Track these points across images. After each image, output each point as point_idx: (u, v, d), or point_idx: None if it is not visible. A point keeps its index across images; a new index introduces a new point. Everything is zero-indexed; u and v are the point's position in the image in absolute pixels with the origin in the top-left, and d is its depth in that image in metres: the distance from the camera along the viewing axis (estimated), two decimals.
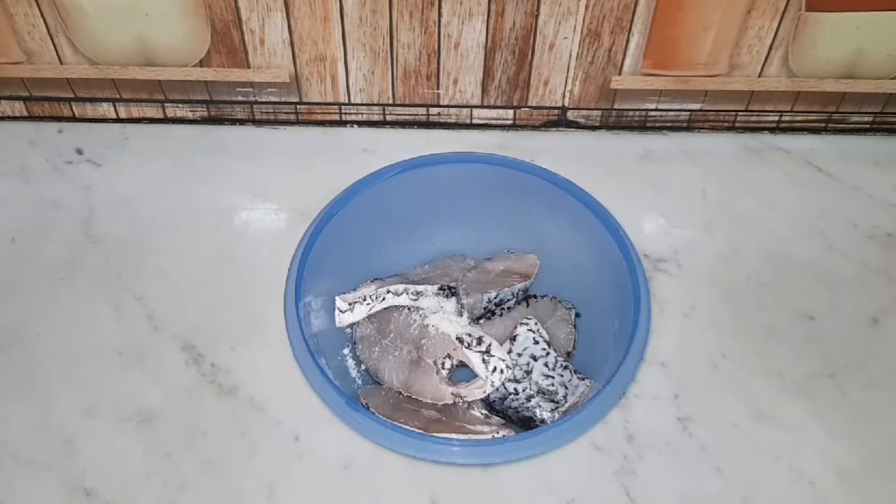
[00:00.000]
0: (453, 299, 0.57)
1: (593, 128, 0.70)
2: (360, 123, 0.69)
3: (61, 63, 0.64)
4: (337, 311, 0.56)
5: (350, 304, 0.56)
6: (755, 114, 0.69)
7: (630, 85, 0.66)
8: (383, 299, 0.56)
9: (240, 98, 0.67)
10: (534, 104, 0.68)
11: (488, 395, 0.53)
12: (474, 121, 0.69)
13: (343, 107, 0.68)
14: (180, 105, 0.68)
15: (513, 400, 0.53)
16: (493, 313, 0.57)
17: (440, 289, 0.58)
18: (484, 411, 0.53)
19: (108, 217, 0.63)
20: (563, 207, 0.58)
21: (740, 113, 0.69)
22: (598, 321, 0.57)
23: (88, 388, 0.54)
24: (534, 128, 0.70)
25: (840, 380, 0.55)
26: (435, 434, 0.50)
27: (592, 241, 0.58)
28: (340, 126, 0.70)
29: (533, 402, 0.52)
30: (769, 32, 0.62)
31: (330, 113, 0.69)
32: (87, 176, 0.66)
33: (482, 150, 0.64)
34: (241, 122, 0.69)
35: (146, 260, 0.61)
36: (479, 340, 0.54)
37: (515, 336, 0.55)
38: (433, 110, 0.68)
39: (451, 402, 0.53)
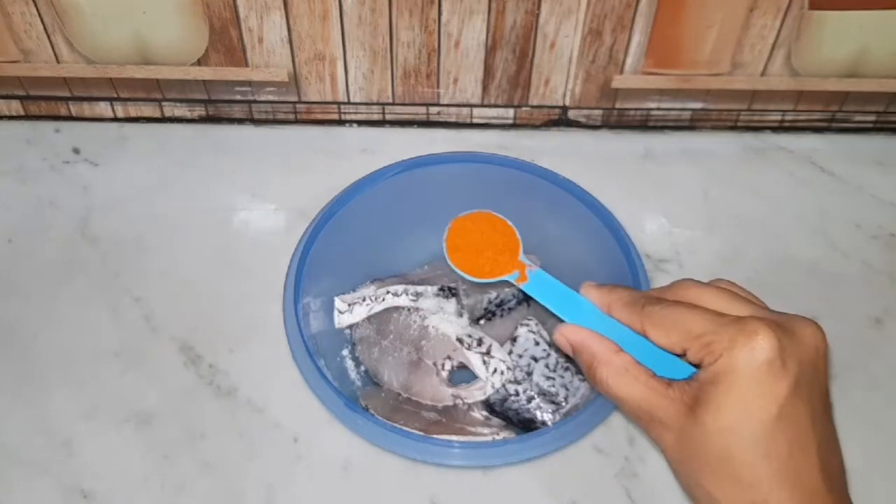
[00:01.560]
0: (453, 300, 0.57)
1: (594, 127, 0.69)
2: (360, 123, 0.69)
3: (58, 62, 0.64)
4: (336, 312, 0.56)
5: (349, 304, 0.56)
6: (757, 113, 0.68)
7: (631, 84, 0.65)
8: (383, 300, 0.56)
9: (238, 97, 0.67)
10: (534, 103, 0.67)
11: (489, 397, 0.53)
12: (474, 120, 0.69)
13: (342, 106, 0.68)
14: (178, 104, 0.68)
15: (513, 401, 0.52)
16: (494, 314, 0.57)
17: (440, 289, 0.57)
18: (484, 413, 0.53)
19: (106, 217, 0.63)
20: (563, 207, 0.58)
21: (742, 112, 0.68)
22: None
23: (86, 389, 0.54)
24: (534, 127, 0.69)
25: (842, 381, 0.54)
26: (435, 436, 0.49)
27: (593, 241, 0.57)
28: (340, 125, 0.69)
29: (534, 403, 0.52)
30: (772, 31, 0.61)
31: (329, 112, 0.68)
32: (84, 175, 0.66)
33: (482, 150, 0.64)
34: (240, 121, 0.69)
35: (144, 260, 0.60)
36: (480, 341, 0.54)
37: (516, 337, 0.55)
38: (433, 109, 0.68)
39: (451, 403, 0.53)
